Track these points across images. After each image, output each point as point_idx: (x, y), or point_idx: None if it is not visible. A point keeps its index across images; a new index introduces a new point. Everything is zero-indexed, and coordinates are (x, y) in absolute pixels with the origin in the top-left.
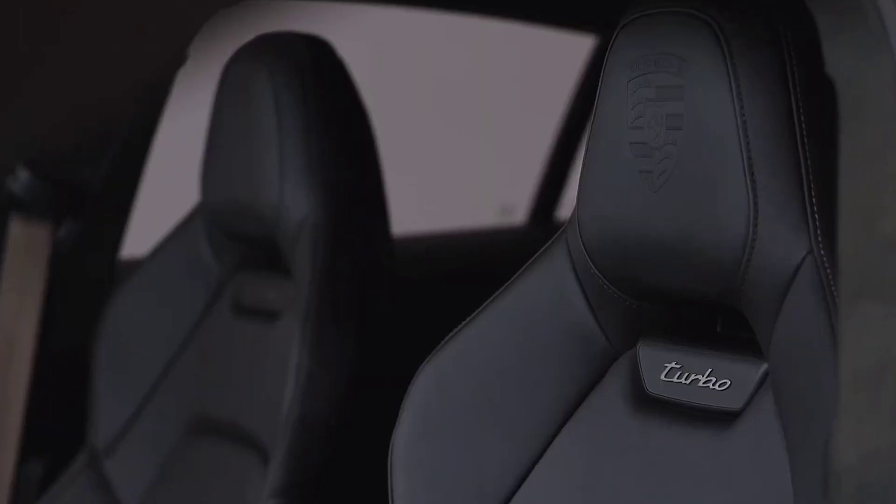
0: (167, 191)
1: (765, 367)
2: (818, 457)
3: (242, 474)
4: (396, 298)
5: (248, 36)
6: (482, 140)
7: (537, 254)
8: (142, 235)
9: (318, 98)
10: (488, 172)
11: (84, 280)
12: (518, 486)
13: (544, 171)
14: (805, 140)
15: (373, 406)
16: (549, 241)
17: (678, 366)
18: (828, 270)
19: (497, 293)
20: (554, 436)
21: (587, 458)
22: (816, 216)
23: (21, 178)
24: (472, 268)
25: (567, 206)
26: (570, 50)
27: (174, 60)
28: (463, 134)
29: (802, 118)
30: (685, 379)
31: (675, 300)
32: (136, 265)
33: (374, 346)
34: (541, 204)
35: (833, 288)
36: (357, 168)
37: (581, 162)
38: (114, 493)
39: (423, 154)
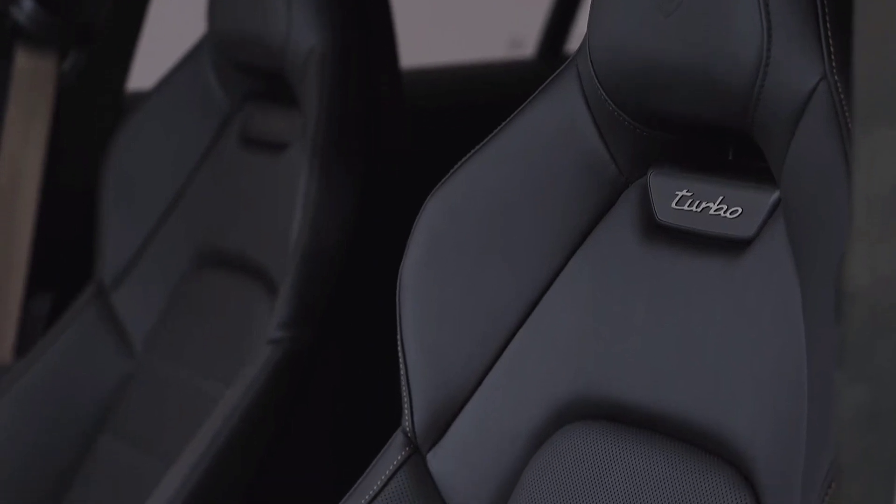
0: (172, 23)
1: (777, 194)
2: (830, 283)
3: (249, 306)
4: (405, 130)
5: None
6: None
7: (546, 82)
8: (148, 68)
9: None
10: (498, 4)
11: (90, 114)
12: (527, 316)
13: (554, 4)
14: None
15: (381, 237)
16: (559, 70)
17: (689, 193)
18: (841, 95)
19: (505, 123)
20: (563, 265)
21: (596, 286)
22: (830, 40)
23: (26, 8)
24: (481, 101)
25: (576, 39)
26: None
27: None
28: None
29: None
30: (696, 207)
31: (686, 127)
32: (142, 98)
33: (382, 176)
34: (550, 37)
35: (847, 113)
36: None
37: None
38: (121, 325)
39: None
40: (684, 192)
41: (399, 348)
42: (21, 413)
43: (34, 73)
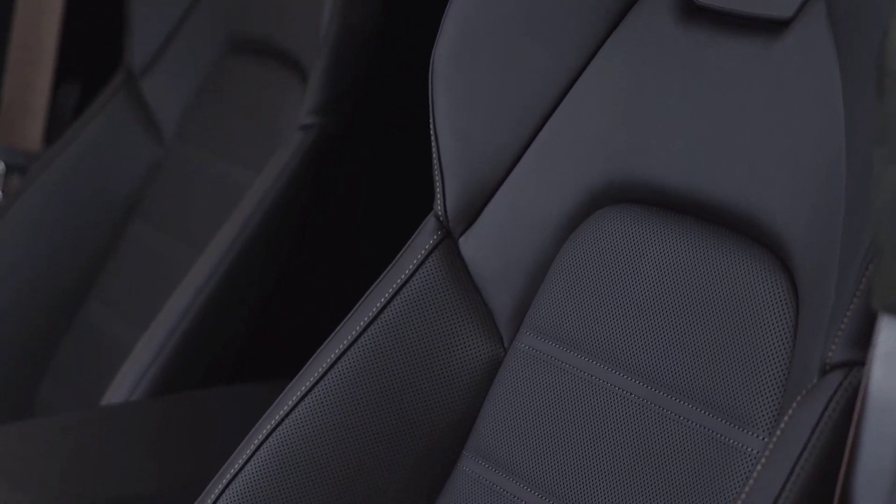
0: None
1: None
2: (871, 63)
3: (280, 93)
4: None
5: None
6: None
7: None
8: None
9: None
10: None
11: None
12: (560, 100)
13: None
14: None
15: (412, 23)
16: None
17: None
18: None
19: None
20: (597, 49)
21: (631, 69)
22: None
23: None
24: None
25: None
26: None
27: None
28: None
29: None
30: None
31: None
32: None
33: None
34: None
35: None
36: None
37: None
38: (150, 112)
39: None
40: None
41: (432, 133)
42: (51, 199)
43: None
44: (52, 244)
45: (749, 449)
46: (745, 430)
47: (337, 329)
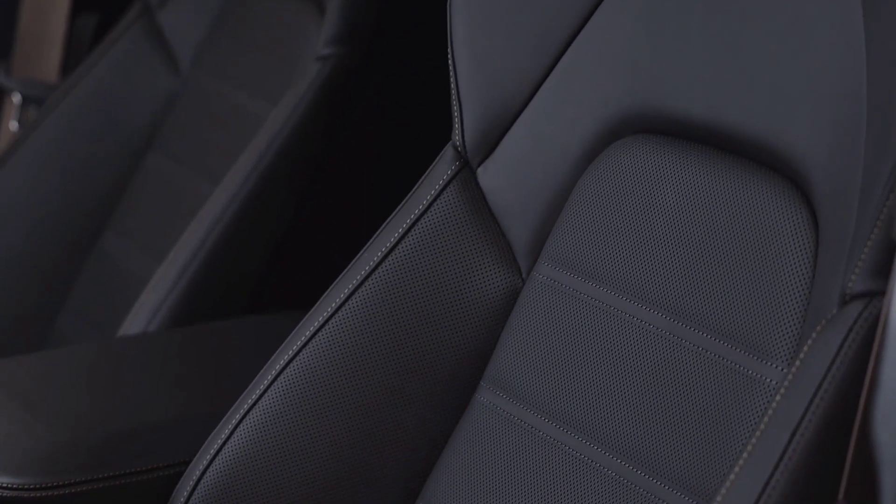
0: None
1: None
2: None
3: (298, 23)
4: None
5: None
6: None
7: None
8: None
9: None
10: None
11: None
12: (580, 28)
13: None
14: None
15: None
16: None
17: None
18: None
19: None
20: None
21: None
22: None
23: None
24: None
25: None
26: None
27: None
28: None
29: None
30: None
31: None
32: None
33: None
34: None
35: None
36: None
37: None
38: (167, 42)
39: None
40: None
41: (450, 61)
42: (67, 131)
43: None
44: (68, 176)
45: (768, 380)
46: (764, 362)
47: (354, 260)
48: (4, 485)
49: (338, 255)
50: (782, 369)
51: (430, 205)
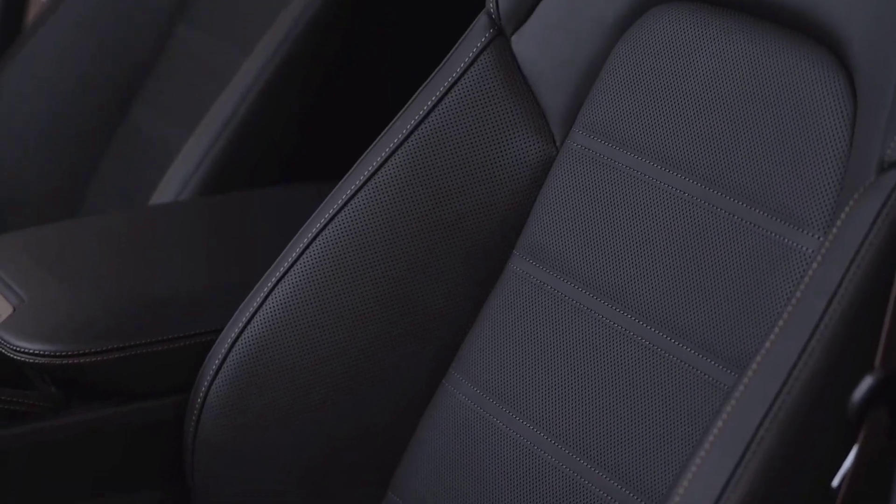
0: None
1: None
2: None
3: None
4: None
5: None
6: None
7: None
8: None
9: None
10: None
11: None
12: None
13: None
14: None
15: None
16: None
17: None
18: None
19: None
20: None
21: None
22: None
23: None
24: None
25: None
26: None
27: None
28: None
29: None
30: None
31: None
32: None
33: None
34: None
35: None
36: None
37: None
38: None
39: None
40: None
41: None
42: (97, 2)
43: None
44: (98, 48)
45: (804, 248)
46: (800, 230)
47: (386, 129)
48: (38, 351)
49: (369, 124)
50: (818, 237)
51: (464, 73)
